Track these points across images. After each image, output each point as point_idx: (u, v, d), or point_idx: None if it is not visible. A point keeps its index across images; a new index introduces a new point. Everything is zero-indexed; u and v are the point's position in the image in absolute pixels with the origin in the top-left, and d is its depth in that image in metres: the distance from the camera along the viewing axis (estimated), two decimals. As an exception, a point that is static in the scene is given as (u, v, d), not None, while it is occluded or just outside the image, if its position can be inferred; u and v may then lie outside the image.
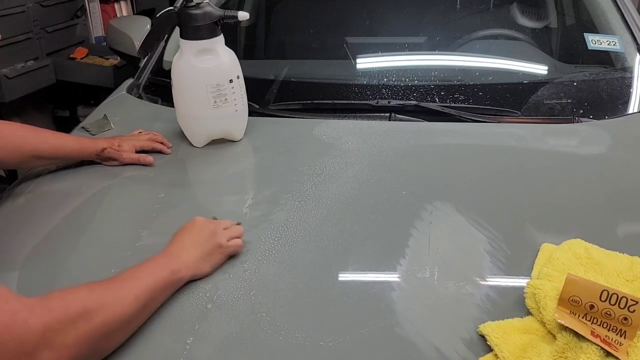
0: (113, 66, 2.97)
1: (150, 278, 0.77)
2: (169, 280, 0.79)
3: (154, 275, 0.78)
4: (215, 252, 0.86)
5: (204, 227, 0.88)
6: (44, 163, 1.15)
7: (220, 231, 0.88)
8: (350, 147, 1.20)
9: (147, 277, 0.77)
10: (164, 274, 0.79)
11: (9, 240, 0.98)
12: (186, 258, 0.83)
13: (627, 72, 1.43)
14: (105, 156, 1.16)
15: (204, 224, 0.89)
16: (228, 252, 0.88)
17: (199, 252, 0.85)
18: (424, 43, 1.65)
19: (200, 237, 0.87)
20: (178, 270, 0.81)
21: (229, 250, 0.88)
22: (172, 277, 0.80)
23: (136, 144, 1.19)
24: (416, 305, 0.81)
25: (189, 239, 0.86)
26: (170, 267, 0.80)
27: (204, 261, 0.85)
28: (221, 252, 0.87)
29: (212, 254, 0.86)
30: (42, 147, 1.09)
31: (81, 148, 1.14)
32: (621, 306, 0.71)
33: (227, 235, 0.88)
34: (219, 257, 0.87)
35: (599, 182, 1.09)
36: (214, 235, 0.87)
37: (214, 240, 0.87)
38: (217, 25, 1.16)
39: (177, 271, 0.81)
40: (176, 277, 0.81)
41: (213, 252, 0.86)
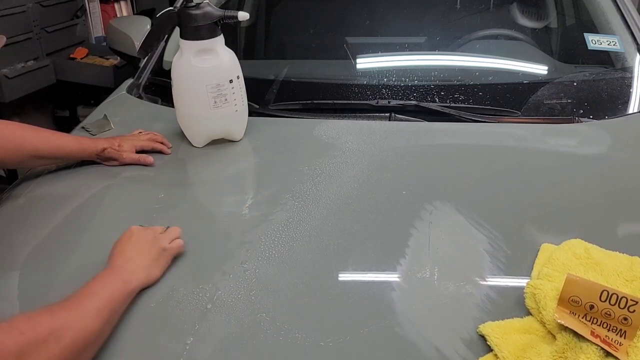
0: (113, 66, 2.97)
1: (106, 292, 0.77)
2: (124, 292, 0.79)
3: (109, 288, 0.78)
4: (160, 257, 0.86)
5: (142, 235, 0.88)
6: (44, 163, 1.15)
7: (159, 235, 0.89)
8: (350, 147, 1.20)
9: (102, 290, 0.77)
10: (118, 286, 0.78)
11: (9, 240, 0.98)
12: (133, 267, 0.83)
13: (627, 72, 1.43)
14: (105, 156, 1.16)
15: (141, 231, 0.89)
16: (172, 254, 0.88)
17: (145, 259, 0.85)
18: (424, 43, 1.65)
19: (142, 244, 0.86)
20: (129, 281, 0.80)
21: (172, 251, 0.88)
22: (125, 288, 0.79)
23: (136, 144, 1.19)
24: (416, 305, 0.81)
25: (131, 249, 0.86)
26: (120, 278, 0.80)
27: (152, 267, 0.85)
28: (166, 254, 0.87)
29: (158, 258, 0.86)
30: (42, 147, 1.09)
31: (81, 148, 1.14)
32: (621, 306, 0.71)
33: (168, 238, 0.89)
34: (165, 260, 0.87)
35: (599, 182, 1.09)
36: (154, 240, 0.87)
37: (157, 245, 0.87)
38: (217, 26, 1.16)
39: (128, 282, 0.80)
40: (129, 288, 0.80)
41: (159, 256, 0.86)
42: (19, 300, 0.85)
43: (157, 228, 0.92)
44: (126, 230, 0.89)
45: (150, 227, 0.91)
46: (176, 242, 0.89)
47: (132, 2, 3.72)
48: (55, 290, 0.85)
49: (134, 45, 1.70)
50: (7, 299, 0.85)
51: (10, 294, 0.86)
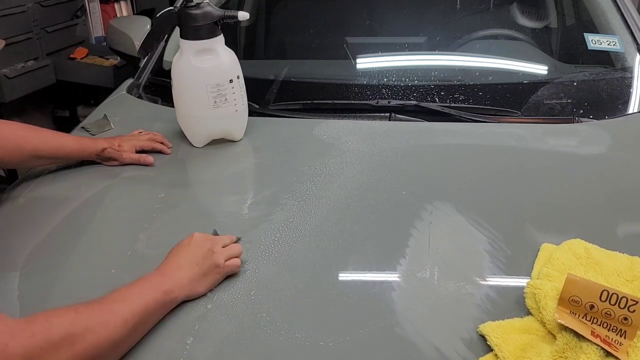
0: (113, 66, 2.97)
1: (141, 300, 0.74)
2: (161, 302, 0.76)
3: (145, 296, 0.75)
4: (211, 273, 0.83)
5: (201, 245, 0.84)
6: (44, 163, 1.15)
7: (218, 249, 0.85)
8: (350, 147, 1.20)
9: (137, 298, 0.74)
10: (156, 295, 0.75)
11: (9, 240, 0.98)
12: (180, 277, 0.79)
13: (627, 72, 1.43)
14: (105, 156, 1.16)
15: (201, 241, 0.85)
16: (225, 273, 0.84)
17: (195, 271, 0.81)
18: (424, 43, 1.65)
19: (197, 255, 0.83)
20: (171, 291, 0.77)
21: (226, 270, 0.84)
22: (164, 298, 0.76)
23: (136, 144, 1.19)
24: (416, 305, 0.81)
25: (185, 257, 0.82)
26: (163, 287, 0.77)
27: (199, 282, 0.81)
28: (218, 272, 0.83)
29: (208, 274, 0.82)
30: (42, 147, 1.09)
31: (81, 148, 1.14)
32: (621, 306, 0.71)
33: (225, 255, 0.85)
34: (215, 278, 0.83)
35: (599, 182, 1.09)
36: (211, 254, 0.83)
37: (211, 260, 0.83)
38: (217, 25, 1.16)
39: (169, 292, 0.77)
40: (169, 298, 0.77)
41: (209, 272, 0.82)
42: (19, 300, 0.85)
43: (222, 239, 0.88)
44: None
45: (214, 237, 0.88)
46: (233, 261, 0.85)
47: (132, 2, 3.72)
48: (55, 291, 0.86)
49: (134, 45, 1.70)
50: (7, 300, 0.85)
51: (10, 294, 0.86)
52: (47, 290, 0.86)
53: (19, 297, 0.85)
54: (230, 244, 0.88)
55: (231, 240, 0.89)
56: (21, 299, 0.85)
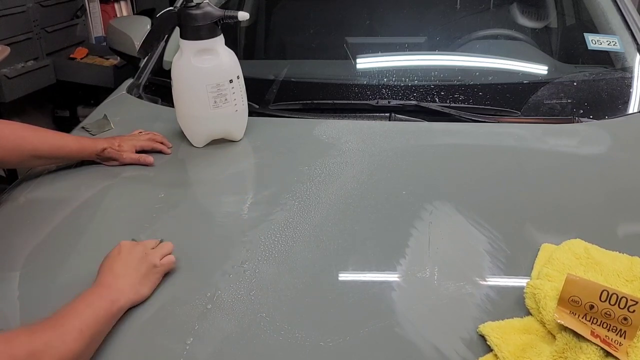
0: (113, 66, 2.97)
1: (90, 311, 0.74)
2: (110, 311, 0.76)
3: (94, 307, 0.75)
4: (150, 273, 0.83)
5: (133, 250, 0.85)
6: (44, 163, 1.15)
7: (149, 251, 0.86)
8: (350, 147, 1.20)
9: (87, 310, 0.74)
10: (104, 305, 0.76)
11: (9, 240, 0.98)
12: (122, 285, 0.80)
13: (627, 72, 1.43)
14: (105, 156, 1.16)
15: (131, 247, 0.86)
16: (163, 271, 0.85)
17: (134, 276, 0.82)
18: (424, 43, 1.65)
19: (132, 261, 0.83)
20: (117, 300, 0.78)
21: (163, 268, 0.85)
22: (112, 307, 0.77)
23: (136, 144, 1.19)
24: (416, 305, 0.81)
25: (120, 266, 0.83)
26: (107, 297, 0.77)
27: (141, 285, 0.82)
28: (156, 271, 0.84)
29: (148, 275, 0.83)
30: (42, 147, 1.09)
31: (81, 148, 1.14)
32: (621, 306, 0.71)
33: (159, 254, 0.86)
34: (155, 277, 0.84)
35: (599, 182, 1.09)
36: (144, 257, 0.84)
37: (147, 261, 0.84)
38: (217, 25, 1.16)
39: (116, 300, 0.77)
40: (116, 307, 0.77)
41: (148, 273, 0.83)
42: (19, 301, 0.85)
43: (149, 242, 0.89)
44: (115, 245, 0.86)
45: (141, 242, 0.88)
46: (167, 258, 0.86)
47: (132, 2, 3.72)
48: (55, 291, 0.86)
49: (134, 45, 1.70)
50: (7, 300, 0.85)
51: (10, 295, 0.86)
52: (47, 290, 0.86)
53: (19, 297, 0.85)
54: (158, 244, 0.89)
55: (156, 243, 0.90)
56: (21, 299, 0.85)
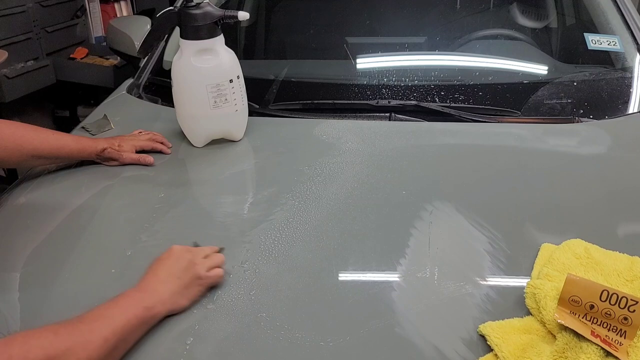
0: (113, 66, 2.97)
1: (121, 317, 0.72)
2: (142, 318, 0.74)
3: (126, 313, 0.73)
4: (193, 285, 0.81)
5: (181, 257, 0.83)
6: (44, 163, 1.15)
7: (199, 260, 0.83)
8: (350, 147, 1.20)
9: (117, 316, 0.72)
10: (137, 312, 0.73)
11: (10, 240, 0.98)
12: (162, 292, 0.77)
13: (627, 72, 1.43)
14: (105, 156, 1.16)
15: (181, 254, 0.83)
16: (208, 284, 0.82)
17: (176, 285, 0.79)
18: (424, 43, 1.65)
19: (177, 268, 0.81)
20: (152, 307, 0.75)
21: (208, 281, 0.82)
22: (145, 314, 0.74)
23: (136, 144, 1.19)
24: (416, 305, 0.81)
25: (164, 271, 0.80)
26: (143, 303, 0.75)
27: (181, 295, 0.79)
28: (200, 283, 0.81)
29: (190, 286, 0.80)
30: (42, 147, 1.09)
31: (81, 148, 1.14)
32: (621, 306, 0.71)
33: (207, 265, 0.83)
34: (197, 290, 0.81)
35: (599, 182, 1.09)
36: (192, 266, 0.81)
37: (193, 271, 0.81)
38: (217, 25, 1.16)
39: (151, 307, 0.75)
40: (150, 314, 0.75)
41: (191, 284, 0.80)
42: (20, 301, 0.85)
43: (202, 250, 0.86)
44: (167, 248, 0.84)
45: (193, 249, 0.86)
46: (215, 271, 0.83)
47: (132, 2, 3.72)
48: (56, 291, 0.86)
49: (134, 45, 1.70)
50: (7, 300, 0.85)
51: (10, 295, 0.86)
52: (47, 291, 0.86)
53: (19, 298, 0.85)
54: (212, 254, 0.86)
55: (212, 251, 0.87)
56: (21, 299, 0.85)
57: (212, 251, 0.87)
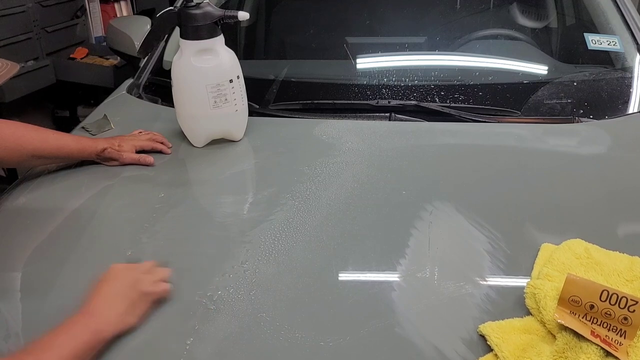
0: (113, 66, 2.97)
1: (70, 344, 0.70)
2: (91, 343, 0.72)
3: (74, 340, 0.71)
4: (140, 301, 0.79)
5: (124, 275, 0.81)
6: (44, 162, 1.15)
7: (142, 277, 0.81)
8: (350, 147, 1.20)
9: (65, 344, 0.70)
10: (85, 337, 0.72)
11: (10, 240, 0.98)
12: (108, 313, 0.76)
13: (627, 72, 1.43)
14: (105, 156, 1.16)
15: (124, 271, 0.82)
16: (154, 299, 0.81)
17: (123, 304, 0.77)
18: (424, 43, 1.65)
19: (122, 286, 0.79)
20: (100, 330, 0.74)
21: (155, 297, 0.81)
22: (94, 338, 0.73)
23: (136, 144, 1.19)
24: (416, 305, 0.81)
25: (109, 291, 0.79)
26: (90, 327, 0.73)
27: (128, 314, 0.77)
28: (146, 299, 0.80)
29: (137, 303, 0.79)
30: (42, 147, 1.09)
31: (82, 148, 1.14)
32: (621, 306, 0.71)
33: (151, 280, 0.82)
34: (145, 306, 0.79)
35: (599, 182, 1.09)
36: (136, 283, 0.80)
37: (138, 288, 0.79)
38: (217, 25, 1.16)
39: (99, 331, 0.74)
40: (99, 338, 0.74)
41: (138, 301, 0.79)
42: (21, 302, 0.85)
43: (144, 265, 0.85)
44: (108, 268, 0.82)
45: (135, 265, 0.84)
46: (160, 285, 0.82)
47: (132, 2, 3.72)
48: (56, 291, 0.86)
49: (134, 45, 1.70)
50: (7, 300, 0.85)
51: (10, 295, 0.86)
52: (47, 291, 0.86)
53: (20, 298, 0.85)
54: (153, 268, 0.85)
55: (152, 265, 0.86)
56: (22, 299, 0.85)
57: (152, 266, 0.85)
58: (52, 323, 0.74)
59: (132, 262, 0.86)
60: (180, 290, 0.83)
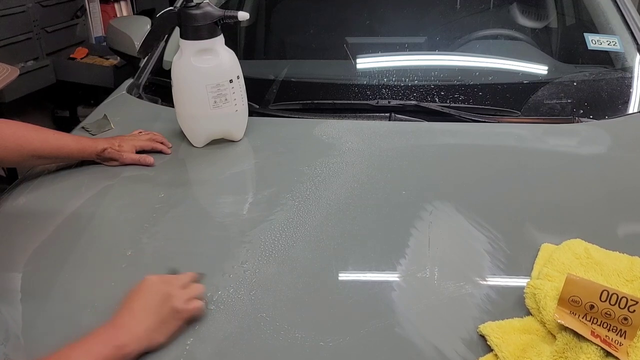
0: (113, 66, 2.97)
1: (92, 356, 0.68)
2: (112, 357, 0.69)
3: (93, 354, 0.68)
4: (171, 319, 0.75)
5: (157, 289, 0.77)
6: (44, 162, 1.15)
7: (176, 292, 0.77)
8: (350, 147, 1.20)
9: (87, 354, 0.68)
10: (106, 352, 0.68)
11: (9, 240, 0.98)
12: (136, 329, 0.72)
13: (627, 72, 1.43)
14: (105, 156, 1.16)
15: (157, 285, 0.77)
16: (186, 317, 0.77)
17: (152, 320, 0.73)
18: (424, 43, 1.65)
19: (153, 301, 0.75)
20: (125, 345, 0.70)
21: (187, 315, 0.76)
22: (116, 353, 0.69)
23: (136, 144, 1.19)
24: (416, 305, 0.81)
25: (139, 305, 0.75)
26: (114, 341, 0.70)
27: (157, 331, 0.74)
28: (178, 317, 0.76)
29: (168, 321, 0.75)
30: (42, 147, 1.09)
31: (82, 148, 1.14)
32: (621, 306, 0.71)
33: (185, 297, 0.77)
34: (175, 324, 0.75)
35: (599, 182, 1.09)
36: (169, 299, 0.75)
37: (170, 305, 0.75)
38: (217, 25, 1.16)
39: (123, 346, 0.70)
40: (122, 353, 0.70)
41: (168, 318, 0.75)
42: (21, 302, 0.84)
43: (179, 279, 0.80)
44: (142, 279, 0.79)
45: (170, 278, 0.80)
46: (194, 303, 0.77)
47: (132, 2, 3.72)
48: (56, 291, 0.86)
49: (134, 45, 1.70)
50: (7, 301, 0.85)
51: (10, 296, 0.86)
52: (47, 291, 0.86)
53: (20, 299, 0.85)
54: (189, 282, 0.81)
55: (190, 279, 0.82)
56: (22, 299, 0.85)
57: (190, 279, 0.81)
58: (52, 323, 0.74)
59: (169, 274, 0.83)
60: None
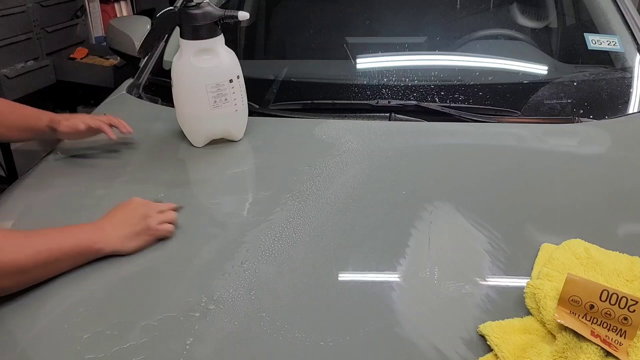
0: (113, 66, 2.97)
1: (64, 240, 0.82)
2: (82, 247, 0.83)
3: (70, 238, 0.83)
4: (142, 234, 0.89)
5: (137, 208, 0.92)
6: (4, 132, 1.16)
7: (153, 214, 0.91)
8: (350, 147, 1.20)
9: (61, 238, 0.82)
10: (80, 242, 0.83)
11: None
12: (111, 233, 0.87)
13: (627, 72, 1.43)
14: (54, 124, 1.15)
15: (139, 205, 0.93)
16: (157, 236, 0.90)
17: (127, 230, 0.88)
18: (424, 43, 1.65)
19: (132, 216, 0.90)
20: (97, 242, 0.84)
21: (157, 233, 0.90)
22: (89, 247, 0.84)
23: (85, 120, 1.17)
24: (416, 305, 0.81)
25: (120, 216, 0.90)
26: (90, 236, 0.84)
27: (129, 239, 0.88)
28: (149, 234, 0.89)
29: (140, 234, 0.89)
30: None
31: (36, 118, 1.15)
32: (621, 306, 0.71)
33: (159, 219, 0.91)
34: (145, 239, 0.89)
35: (599, 182, 1.09)
36: (146, 217, 0.90)
37: (145, 222, 0.89)
38: (217, 25, 1.16)
39: (96, 242, 0.84)
40: (93, 248, 0.84)
41: (141, 233, 0.89)
42: (20, 302, 0.84)
43: (159, 206, 0.94)
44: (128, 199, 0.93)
45: (150, 203, 0.94)
46: (165, 225, 0.91)
47: (132, 2, 3.73)
48: (56, 292, 0.85)
49: (134, 45, 1.70)
50: (7, 301, 0.85)
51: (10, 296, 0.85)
52: (47, 291, 0.86)
53: (20, 299, 0.85)
54: (167, 210, 0.94)
55: (168, 208, 0.95)
56: (22, 300, 0.85)
57: (168, 208, 0.95)
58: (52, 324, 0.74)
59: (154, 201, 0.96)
60: (180, 290, 0.83)
